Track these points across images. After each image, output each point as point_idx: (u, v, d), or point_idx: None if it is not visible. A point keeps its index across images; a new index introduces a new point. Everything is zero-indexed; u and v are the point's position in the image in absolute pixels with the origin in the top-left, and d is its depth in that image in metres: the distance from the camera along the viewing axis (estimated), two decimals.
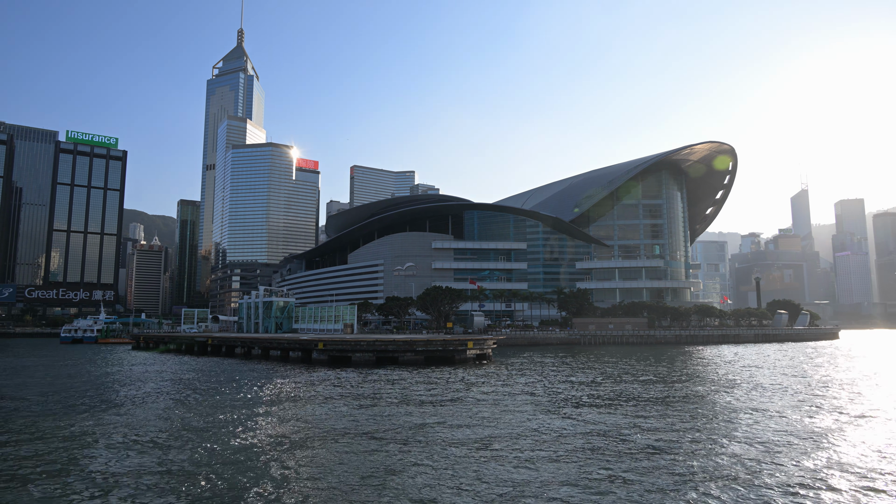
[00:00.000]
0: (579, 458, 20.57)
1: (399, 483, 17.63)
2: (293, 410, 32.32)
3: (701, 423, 27.65)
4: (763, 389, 41.79)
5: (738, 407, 33.05)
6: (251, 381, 48.45)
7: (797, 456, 20.86)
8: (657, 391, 40.63)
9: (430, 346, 67.22)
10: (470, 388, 41.66)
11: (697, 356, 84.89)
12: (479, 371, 56.52)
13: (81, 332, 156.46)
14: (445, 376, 50.70)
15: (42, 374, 58.19)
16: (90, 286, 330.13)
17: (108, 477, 18.50)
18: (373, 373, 54.09)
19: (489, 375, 52.43)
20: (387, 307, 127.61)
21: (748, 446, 22.44)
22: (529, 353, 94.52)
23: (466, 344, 69.08)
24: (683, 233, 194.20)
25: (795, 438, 23.92)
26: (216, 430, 26.39)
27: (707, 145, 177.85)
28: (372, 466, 19.55)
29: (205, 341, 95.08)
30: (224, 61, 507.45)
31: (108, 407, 34.00)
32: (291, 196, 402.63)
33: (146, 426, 27.48)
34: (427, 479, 18.05)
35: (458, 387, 42.75)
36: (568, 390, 41.18)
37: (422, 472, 18.86)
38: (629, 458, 20.63)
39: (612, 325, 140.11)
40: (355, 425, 27.20)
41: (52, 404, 35.13)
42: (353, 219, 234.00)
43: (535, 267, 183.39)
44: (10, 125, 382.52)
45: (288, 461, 20.45)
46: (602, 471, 18.87)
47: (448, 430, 26.01)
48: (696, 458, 20.50)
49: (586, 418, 29.17)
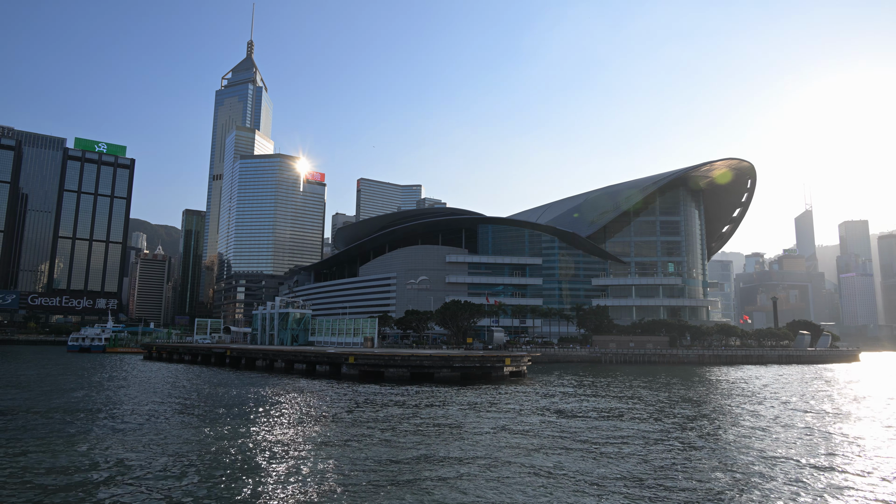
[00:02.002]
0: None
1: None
2: (354, 436, 29.49)
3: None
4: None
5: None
6: (288, 399, 45.56)
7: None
8: (732, 432, 37.70)
9: (467, 362, 64.32)
10: (525, 415, 38.77)
11: (749, 382, 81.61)
12: (523, 390, 53.55)
13: (89, 340, 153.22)
14: (498, 397, 47.76)
15: (71, 385, 55.29)
16: (93, 294, 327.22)
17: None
18: (411, 390, 51.08)
19: (536, 396, 49.45)
20: (406, 321, 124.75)
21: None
22: (558, 371, 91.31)
23: (504, 361, 66.27)
24: (701, 250, 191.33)
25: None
26: (278, 462, 23.59)
27: (726, 162, 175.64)
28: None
29: (223, 352, 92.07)
30: (233, 72, 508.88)
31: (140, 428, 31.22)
32: (298, 207, 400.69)
33: (186, 452, 24.70)
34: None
35: (509, 406, 39.87)
36: (646, 427, 38.30)
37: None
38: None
39: (632, 344, 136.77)
40: (431, 456, 24.37)
41: (97, 425, 32.34)
42: (362, 231, 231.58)
43: (551, 283, 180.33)
44: (18, 131, 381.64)
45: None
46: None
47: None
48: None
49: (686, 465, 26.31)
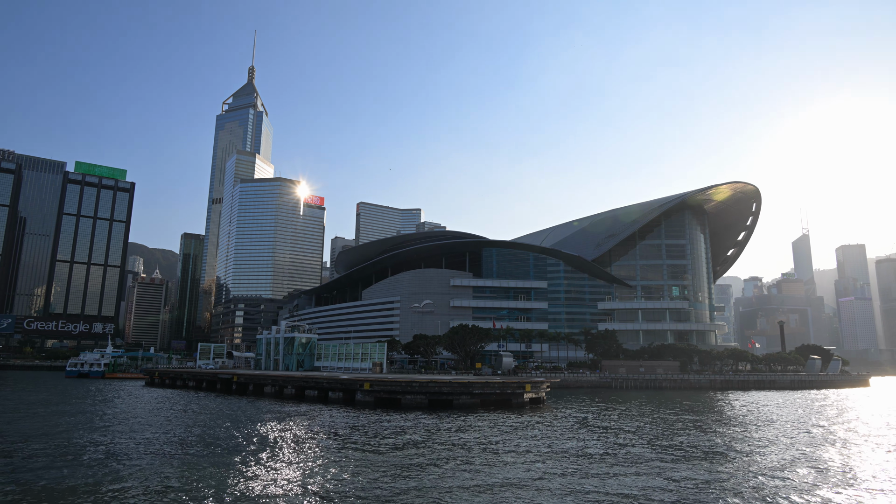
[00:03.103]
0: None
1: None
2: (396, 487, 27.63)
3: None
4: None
5: None
6: (307, 430, 43.56)
7: None
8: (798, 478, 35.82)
9: (486, 389, 62.41)
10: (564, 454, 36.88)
11: (784, 411, 79.43)
12: (555, 423, 51.59)
13: (88, 366, 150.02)
14: (530, 429, 45.83)
15: (74, 416, 53.14)
16: (90, 318, 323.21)
17: None
18: (432, 418, 49.07)
19: (572, 429, 47.51)
20: (414, 345, 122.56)
21: None
22: (571, 396, 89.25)
23: (524, 387, 64.41)
24: (707, 274, 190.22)
25: None
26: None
27: (731, 185, 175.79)
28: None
29: (230, 378, 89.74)
30: (234, 97, 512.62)
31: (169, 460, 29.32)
32: (298, 231, 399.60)
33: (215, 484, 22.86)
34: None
35: (566, 445, 37.96)
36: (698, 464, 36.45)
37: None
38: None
39: (642, 369, 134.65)
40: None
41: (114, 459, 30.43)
42: (364, 255, 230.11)
43: (556, 306, 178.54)
44: (18, 155, 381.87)
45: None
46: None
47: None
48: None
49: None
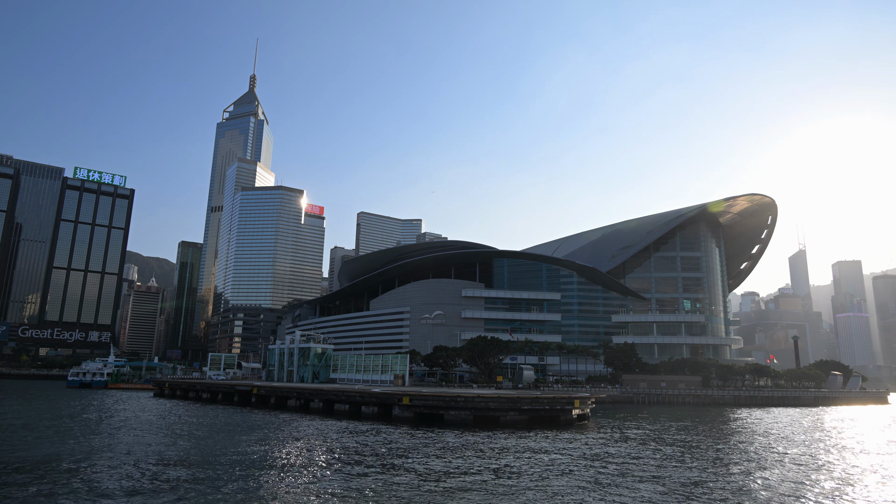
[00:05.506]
0: None
1: None
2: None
3: None
4: None
5: None
6: (372, 452, 39.89)
7: None
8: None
9: (535, 404, 58.92)
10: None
11: (843, 433, 76.05)
12: (611, 441, 48.09)
13: (90, 375, 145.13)
14: (607, 460, 42.27)
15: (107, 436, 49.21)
16: (86, 327, 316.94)
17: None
18: (482, 439, 45.47)
19: (636, 455, 43.96)
20: (433, 357, 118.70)
21: None
22: (600, 412, 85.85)
23: (573, 403, 60.92)
24: (722, 287, 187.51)
25: None
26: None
27: (748, 197, 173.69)
28: None
29: (248, 390, 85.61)
30: (235, 105, 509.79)
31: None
32: (298, 241, 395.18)
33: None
34: None
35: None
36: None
37: None
38: None
39: (664, 383, 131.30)
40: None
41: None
42: (368, 265, 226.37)
43: (570, 318, 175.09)
44: (17, 160, 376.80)
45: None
46: None
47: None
48: None
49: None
